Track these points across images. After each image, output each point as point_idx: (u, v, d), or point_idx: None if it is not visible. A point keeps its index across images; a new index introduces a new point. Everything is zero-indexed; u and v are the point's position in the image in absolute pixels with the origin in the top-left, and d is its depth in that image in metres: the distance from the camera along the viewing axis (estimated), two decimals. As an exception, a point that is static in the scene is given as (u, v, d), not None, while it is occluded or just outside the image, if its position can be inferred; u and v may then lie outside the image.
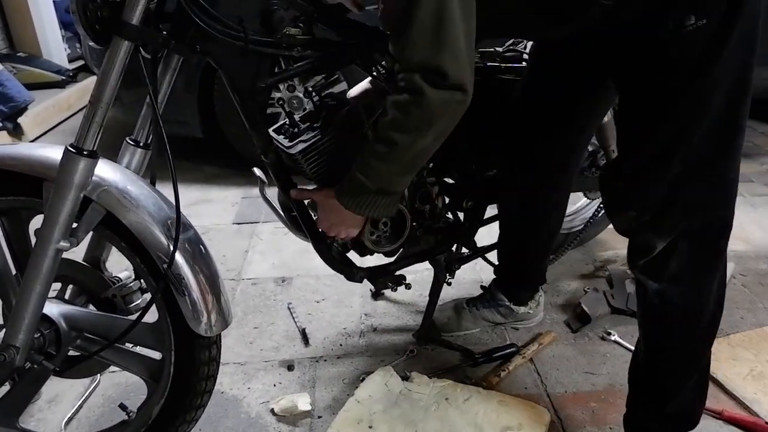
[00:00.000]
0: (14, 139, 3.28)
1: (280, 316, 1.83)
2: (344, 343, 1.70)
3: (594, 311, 1.77)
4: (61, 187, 0.97)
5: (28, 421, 1.42)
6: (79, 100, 3.98)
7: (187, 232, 1.08)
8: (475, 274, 2.03)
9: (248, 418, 1.44)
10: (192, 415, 1.20)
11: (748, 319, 1.78)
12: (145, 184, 1.08)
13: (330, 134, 1.25)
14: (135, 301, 1.20)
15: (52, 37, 4.32)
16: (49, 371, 1.15)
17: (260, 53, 1.13)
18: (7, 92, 3.25)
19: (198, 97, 2.64)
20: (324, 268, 1.41)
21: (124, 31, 0.95)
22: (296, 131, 1.27)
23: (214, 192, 2.75)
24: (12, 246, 1.18)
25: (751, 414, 1.43)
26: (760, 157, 3.09)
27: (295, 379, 1.57)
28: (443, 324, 1.72)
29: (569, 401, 1.49)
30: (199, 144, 2.87)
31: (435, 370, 1.57)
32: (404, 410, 1.41)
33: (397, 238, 1.43)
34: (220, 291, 1.09)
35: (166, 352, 1.12)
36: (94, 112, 0.97)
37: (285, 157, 1.27)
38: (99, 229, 1.06)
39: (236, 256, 2.19)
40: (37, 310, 1.04)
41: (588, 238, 2.16)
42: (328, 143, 1.26)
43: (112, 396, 1.50)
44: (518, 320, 1.75)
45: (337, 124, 1.26)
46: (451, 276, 1.64)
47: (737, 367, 1.56)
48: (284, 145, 1.25)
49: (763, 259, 2.12)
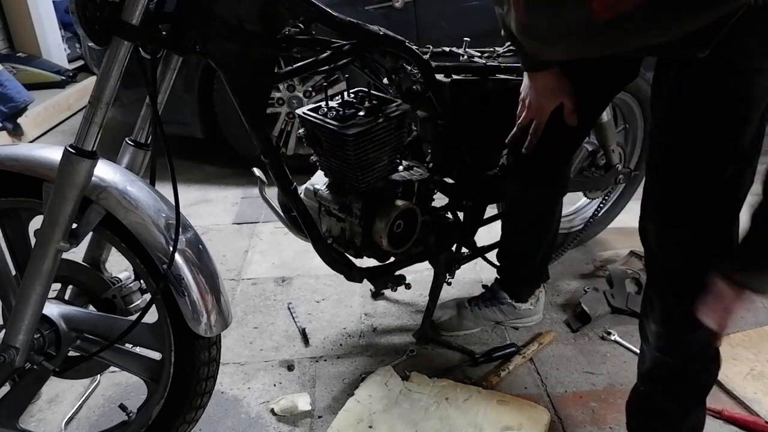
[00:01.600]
0: (14, 139, 3.28)
1: (280, 316, 1.83)
2: (344, 343, 1.70)
3: (594, 311, 1.77)
4: (61, 188, 0.97)
5: (28, 421, 1.42)
6: (78, 101, 3.98)
7: (186, 232, 1.08)
8: (475, 274, 2.03)
9: (248, 418, 1.44)
10: (192, 416, 1.20)
11: (748, 319, 1.78)
12: (145, 185, 1.07)
13: (382, 124, 1.30)
14: (135, 302, 1.20)
15: (51, 37, 4.33)
16: (49, 372, 1.15)
17: (260, 53, 1.13)
18: (7, 92, 3.25)
19: (198, 97, 2.64)
20: (324, 268, 1.41)
21: (124, 32, 0.95)
22: (341, 114, 1.30)
23: (214, 192, 2.75)
24: (12, 246, 1.18)
25: (751, 413, 1.43)
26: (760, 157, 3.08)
27: (295, 379, 1.57)
28: (443, 324, 1.72)
29: (569, 401, 1.49)
30: (199, 144, 2.87)
31: (435, 370, 1.57)
32: (404, 410, 1.41)
33: (408, 238, 1.44)
34: (220, 291, 1.09)
35: (166, 353, 1.12)
36: (93, 113, 0.97)
37: (327, 136, 1.30)
38: (99, 229, 1.06)
39: (236, 256, 2.19)
40: (36, 311, 1.04)
41: (588, 238, 2.16)
42: (381, 132, 1.31)
43: (112, 396, 1.50)
44: (519, 317, 1.75)
45: (390, 117, 1.31)
46: (451, 276, 1.64)
47: (737, 367, 1.56)
48: (334, 126, 1.27)
49: (763, 259, 2.12)
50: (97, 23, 0.95)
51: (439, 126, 1.48)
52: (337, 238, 1.46)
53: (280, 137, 2.81)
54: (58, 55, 4.37)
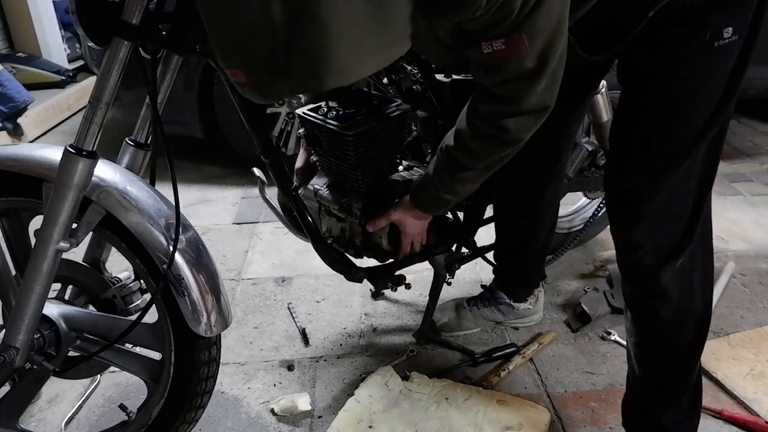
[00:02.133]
0: (14, 139, 3.28)
1: (280, 316, 1.83)
2: (344, 343, 1.70)
3: (594, 311, 1.77)
4: (61, 188, 0.97)
5: (28, 421, 1.42)
6: (78, 101, 3.98)
7: (186, 232, 1.08)
8: (475, 274, 2.03)
9: (248, 418, 1.44)
10: (192, 416, 1.20)
11: (748, 319, 1.78)
12: (145, 185, 1.07)
13: (383, 124, 1.30)
14: (135, 302, 1.20)
15: (51, 37, 4.32)
16: (49, 372, 1.15)
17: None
18: (7, 92, 3.24)
19: (198, 97, 2.63)
20: (324, 268, 1.41)
21: (124, 32, 0.95)
22: (340, 114, 1.30)
23: (214, 192, 2.75)
24: (12, 246, 1.18)
25: (751, 413, 1.43)
26: (760, 156, 3.09)
27: (295, 379, 1.57)
28: (443, 324, 1.72)
29: (569, 401, 1.49)
30: (199, 144, 2.87)
31: (435, 370, 1.57)
32: (404, 410, 1.41)
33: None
34: (220, 291, 1.09)
35: (166, 353, 1.12)
36: (93, 113, 0.97)
37: (327, 136, 1.30)
38: (99, 229, 1.06)
39: (236, 256, 2.19)
40: (36, 311, 1.04)
41: (588, 238, 2.16)
42: (381, 132, 1.31)
43: (112, 396, 1.50)
44: (519, 317, 1.75)
45: (390, 117, 1.31)
46: (451, 276, 1.64)
47: (737, 367, 1.56)
48: (334, 126, 1.27)
49: (762, 259, 2.12)
50: (97, 23, 0.95)
51: (439, 126, 1.48)
52: (337, 238, 1.46)
53: (280, 137, 2.81)
54: (58, 55, 4.37)
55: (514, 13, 0.81)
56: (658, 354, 1.19)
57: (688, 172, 1.05)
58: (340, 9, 0.68)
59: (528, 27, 0.84)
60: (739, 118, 3.61)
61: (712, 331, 1.71)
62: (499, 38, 0.86)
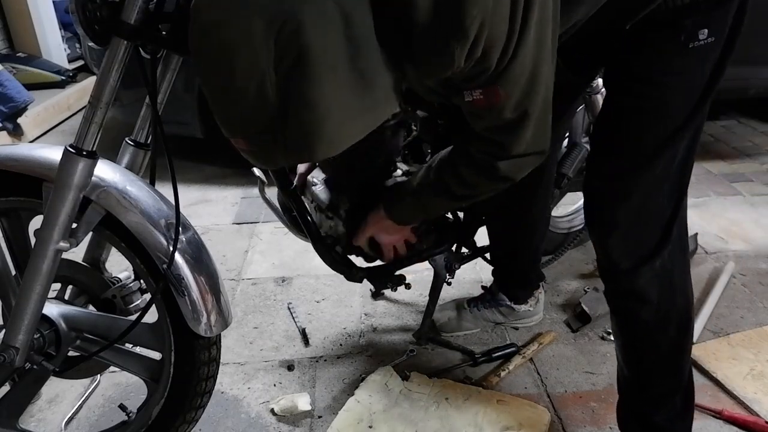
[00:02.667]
0: (14, 139, 3.28)
1: (280, 316, 1.83)
2: (344, 343, 1.70)
3: (594, 311, 1.77)
4: (61, 188, 0.97)
5: (28, 421, 1.42)
6: (78, 101, 3.97)
7: (186, 232, 1.08)
8: (475, 274, 2.03)
9: (248, 418, 1.44)
10: (192, 416, 1.20)
11: (748, 319, 1.78)
12: (145, 185, 1.07)
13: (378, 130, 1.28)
14: (135, 302, 1.20)
15: (51, 37, 4.32)
16: (49, 372, 1.15)
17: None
18: (7, 92, 3.24)
19: (198, 97, 2.63)
20: (324, 268, 1.41)
21: (124, 31, 0.95)
22: None
23: (214, 192, 2.75)
24: (12, 246, 1.18)
25: (751, 413, 1.43)
26: (760, 156, 3.09)
27: (295, 379, 1.57)
28: (443, 324, 1.72)
29: (569, 401, 1.49)
30: (199, 144, 2.87)
31: (435, 370, 1.57)
32: (404, 410, 1.41)
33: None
34: (219, 291, 1.09)
35: (166, 353, 1.12)
36: (93, 113, 0.97)
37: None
38: (98, 229, 1.06)
39: (236, 256, 2.19)
40: (36, 311, 1.04)
41: (588, 238, 2.15)
42: (375, 138, 1.28)
43: (112, 396, 1.50)
44: (519, 318, 1.75)
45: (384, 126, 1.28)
46: (451, 276, 1.64)
47: (737, 367, 1.56)
48: None
49: (762, 259, 2.12)
50: (96, 23, 0.95)
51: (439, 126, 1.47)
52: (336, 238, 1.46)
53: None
54: (58, 55, 4.36)
55: (491, 69, 0.85)
56: (644, 355, 1.19)
57: (662, 173, 1.05)
58: (327, 91, 0.75)
59: (503, 80, 0.87)
60: (739, 118, 3.62)
61: (713, 331, 1.72)
62: (477, 89, 0.90)
